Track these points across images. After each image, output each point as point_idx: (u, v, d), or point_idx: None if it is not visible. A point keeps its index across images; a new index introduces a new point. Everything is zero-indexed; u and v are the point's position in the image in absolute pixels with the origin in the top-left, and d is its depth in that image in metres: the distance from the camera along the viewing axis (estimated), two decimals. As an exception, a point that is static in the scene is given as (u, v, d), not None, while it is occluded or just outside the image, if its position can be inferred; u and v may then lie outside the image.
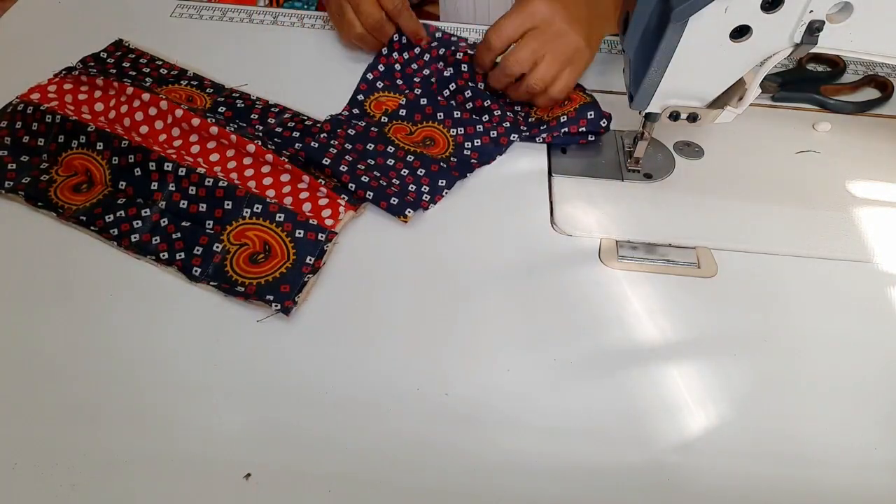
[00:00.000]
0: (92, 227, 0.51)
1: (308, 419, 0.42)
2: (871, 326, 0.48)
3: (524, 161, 0.58)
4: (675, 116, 0.51)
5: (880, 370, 0.45)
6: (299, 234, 0.51)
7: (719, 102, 0.50)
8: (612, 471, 0.40)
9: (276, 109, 0.62)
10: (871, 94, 0.66)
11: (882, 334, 0.47)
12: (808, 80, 0.66)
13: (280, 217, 0.51)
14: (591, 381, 0.44)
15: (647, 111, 0.51)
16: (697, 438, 0.42)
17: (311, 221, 0.51)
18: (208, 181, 0.52)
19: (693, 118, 0.51)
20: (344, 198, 0.53)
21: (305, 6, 0.78)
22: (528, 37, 0.56)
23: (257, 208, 0.51)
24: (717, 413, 0.43)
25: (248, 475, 0.39)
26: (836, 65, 0.68)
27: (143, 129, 0.56)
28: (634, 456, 0.41)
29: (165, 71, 0.65)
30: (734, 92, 0.49)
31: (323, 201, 0.53)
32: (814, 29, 0.43)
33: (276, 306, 0.46)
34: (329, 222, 0.52)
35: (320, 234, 0.51)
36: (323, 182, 0.54)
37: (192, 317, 0.47)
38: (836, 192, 0.56)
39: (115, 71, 0.63)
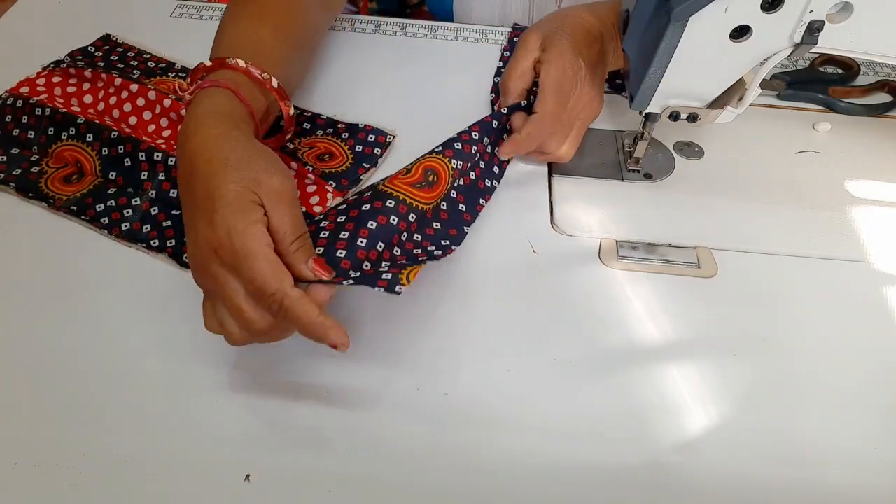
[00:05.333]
0: (83, 217, 0.52)
1: (308, 419, 0.42)
2: (870, 326, 0.48)
3: (524, 161, 0.58)
4: (675, 116, 0.51)
5: (880, 370, 0.45)
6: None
7: (719, 102, 0.50)
8: (612, 471, 0.40)
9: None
10: (881, 98, 0.65)
11: (882, 334, 0.47)
12: (818, 82, 0.66)
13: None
14: (591, 381, 0.44)
15: (647, 111, 0.51)
16: (697, 438, 0.42)
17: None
18: None
19: (693, 118, 0.51)
20: (332, 184, 0.54)
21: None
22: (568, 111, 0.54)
23: None
24: (717, 413, 0.43)
25: (248, 476, 0.39)
26: (849, 68, 0.68)
27: (132, 120, 0.57)
28: (634, 456, 0.41)
29: (153, 64, 0.65)
30: (734, 92, 0.49)
31: (311, 188, 0.54)
32: (814, 29, 0.43)
33: None
34: (317, 209, 0.52)
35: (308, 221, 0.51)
36: (311, 169, 0.55)
37: (191, 317, 0.47)
38: (836, 192, 0.56)
39: (102, 64, 0.64)
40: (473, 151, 0.53)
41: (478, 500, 0.39)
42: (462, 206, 0.52)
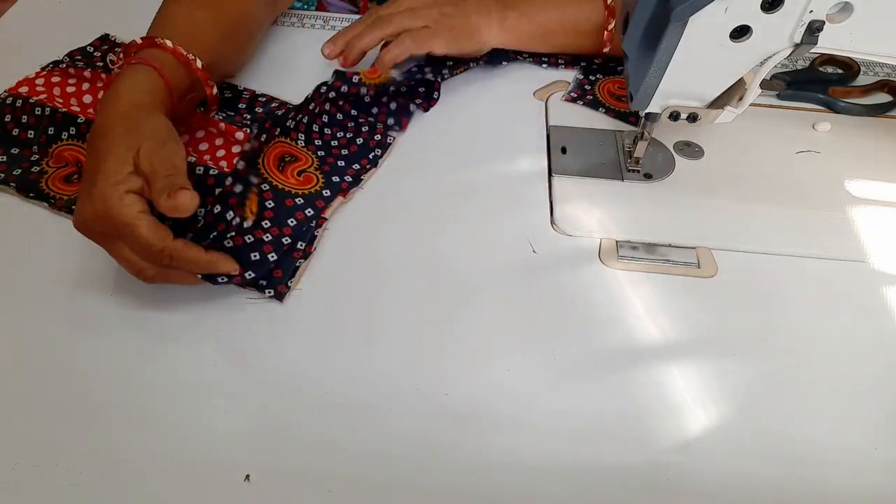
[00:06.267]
0: None
1: (308, 419, 0.42)
2: (870, 326, 0.48)
3: (524, 161, 0.58)
4: (675, 116, 0.51)
5: (880, 370, 0.45)
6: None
7: (719, 102, 0.50)
8: (612, 471, 0.40)
9: (264, 99, 0.63)
10: (881, 98, 0.65)
11: (882, 334, 0.47)
12: (818, 82, 0.66)
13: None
14: (592, 381, 0.44)
15: (647, 111, 0.51)
16: (697, 438, 0.42)
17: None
18: (199, 170, 0.52)
19: (693, 118, 0.51)
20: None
21: (305, 6, 0.78)
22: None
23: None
24: (717, 413, 0.43)
25: (248, 476, 0.39)
26: (849, 68, 0.68)
27: None
28: (634, 456, 0.41)
29: None
30: (734, 92, 0.49)
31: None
32: (814, 29, 0.43)
33: (269, 292, 0.47)
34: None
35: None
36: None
37: (191, 316, 0.47)
38: (835, 192, 0.56)
39: (101, 64, 0.64)
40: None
41: (478, 500, 0.39)
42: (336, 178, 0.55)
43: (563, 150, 0.59)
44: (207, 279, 0.45)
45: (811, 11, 0.42)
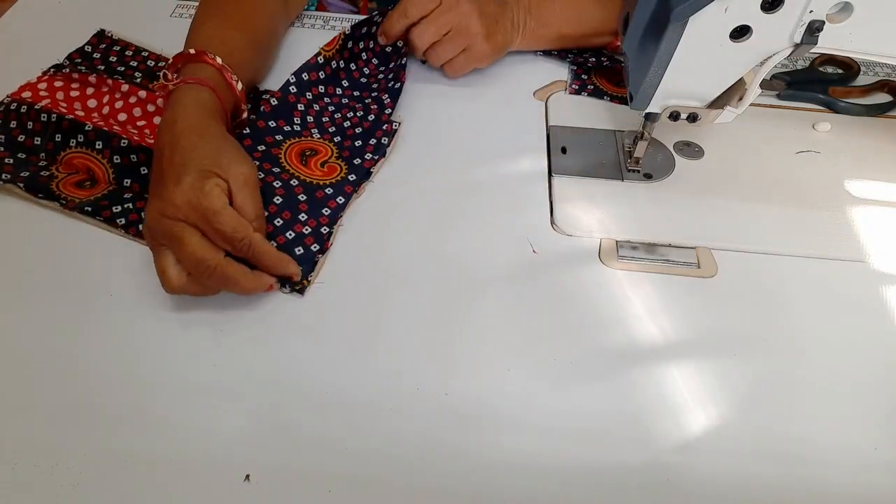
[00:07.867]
0: (98, 217, 0.51)
1: (308, 419, 0.42)
2: (870, 326, 0.48)
3: (524, 161, 0.58)
4: (675, 116, 0.51)
5: (880, 370, 0.45)
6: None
7: (719, 102, 0.50)
8: (612, 471, 0.40)
9: (268, 97, 0.62)
10: (881, 98, 0.65)
11: (882, 334, 0.47)
12: (818, 82, 0.66)
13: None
14: (591, 381, 0.44)
15: (647, 111, 0.51)
16: (697, 438, 0.42)
17: None
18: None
19: (693, 118, 0.51)
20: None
21: (305, 6, 0.78)
22: (436, 13, 0.60)
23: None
24: (718, 413, 0.43)
25: (248, 476, 0.39)
26: (849, 68, 0.68)
27: (141, 124, 0.56)
28: (634, 456, 0.41)
29: (153, 63, 0.65)
30: (734, 92, 0.49)
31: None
32: (814, 29, 0.43)
33: (286, 288, 0.48)
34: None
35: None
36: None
37: (191, 316, 0.47)
38: (835, 192, 0.56)
39: (102, 67, 0.64)
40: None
41: (478, 499, 0.39)
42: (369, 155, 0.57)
43: (563, 150, 0.59)
44: (280, 280, 0.47)
45: (811, 11, 0.42)
